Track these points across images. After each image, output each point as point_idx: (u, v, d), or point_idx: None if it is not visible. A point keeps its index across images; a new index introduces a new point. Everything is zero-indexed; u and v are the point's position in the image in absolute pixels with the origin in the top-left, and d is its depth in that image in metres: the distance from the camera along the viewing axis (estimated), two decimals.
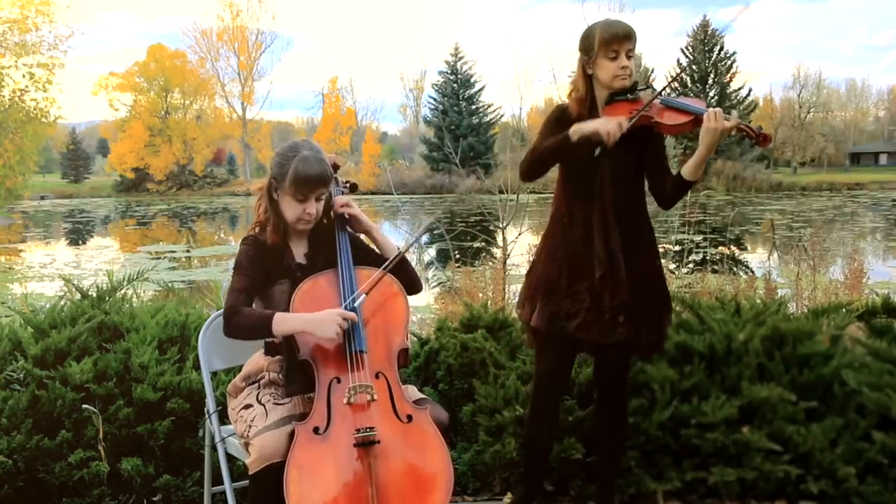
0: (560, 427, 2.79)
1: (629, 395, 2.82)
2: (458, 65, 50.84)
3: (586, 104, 2.45)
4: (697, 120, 2.30)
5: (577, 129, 2.30)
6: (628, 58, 2.37)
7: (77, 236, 27.46)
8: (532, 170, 2.46)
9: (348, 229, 2.35)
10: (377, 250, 2.38)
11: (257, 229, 2.30)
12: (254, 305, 2.22)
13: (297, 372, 2.18)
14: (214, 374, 2.60)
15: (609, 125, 2.28)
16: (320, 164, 2.20)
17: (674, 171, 2.43)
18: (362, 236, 2.42)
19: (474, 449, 2.92)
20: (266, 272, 2.24)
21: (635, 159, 2.43)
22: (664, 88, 2.40)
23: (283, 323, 2.11)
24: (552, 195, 2.57)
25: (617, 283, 2.39)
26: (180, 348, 3.07)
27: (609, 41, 2.37)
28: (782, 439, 2.78)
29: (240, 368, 2.39)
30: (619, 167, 2.41)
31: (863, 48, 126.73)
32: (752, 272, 10.26)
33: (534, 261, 2.62)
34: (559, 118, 2.48)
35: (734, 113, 2.31)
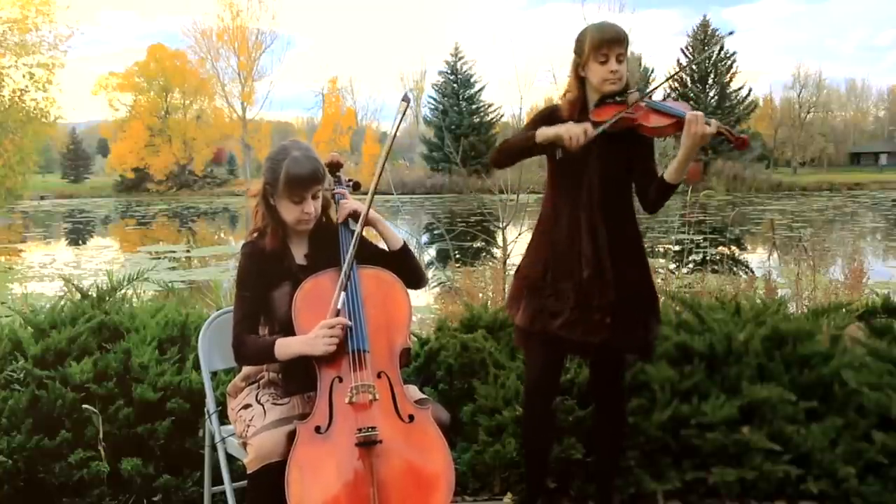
0: (560, 427, 2.79)
1: (629, 395, 2.83)
2: (458, 65, 50.78)
3: (578, 106, 2.44)
4: (679, 123, 2.29)
5: (542, 133, 2.36)
6: (619, 62, 2.35)
7: (77, 236, 27.43)
8: (500, 159, 2.56)
9: (350, 225, 2.32)
10: (383, 242, 2.35)
11: (255, 235, 2.28)
12: (261, 319, 2.24)
13: (297, 371, 2.18)
14: (214, 374, 2.60)
15: (573, 130, 2.30)
16: (311, 162, 2.18)
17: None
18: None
19: (474, 449, 2.92)
20: (266, 280, 2.23)
21: (624, 161, 2.42)
22: (651, 91, 2.39)
23: (283, 349, 2.14)
24: None
25: (604, 284, 2.38)
26: (180, 348, 3.07)
27: (599, 45, 2.35)
28: (782, 439, 2.78)
29: (240, 368, 2.39)
30: (607, 168, 2.40)
31: (863, 48, 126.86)
32: (752, 272, 10.24)
33: (522, 259, 2.62)
34: (548, 117, 2.48)
35: (713, 120, 2.27)
